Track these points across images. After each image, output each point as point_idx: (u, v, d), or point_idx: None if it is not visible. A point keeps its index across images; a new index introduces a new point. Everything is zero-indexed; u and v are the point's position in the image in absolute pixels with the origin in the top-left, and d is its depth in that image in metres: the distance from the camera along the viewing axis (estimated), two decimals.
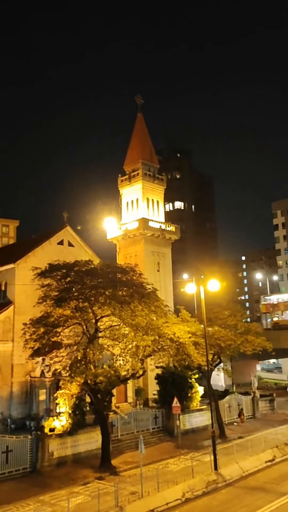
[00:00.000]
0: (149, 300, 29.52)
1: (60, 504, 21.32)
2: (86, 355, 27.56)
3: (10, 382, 38.48)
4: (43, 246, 42.95)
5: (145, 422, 34.93)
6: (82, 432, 29.80)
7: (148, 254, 52.38)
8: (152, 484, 22.49)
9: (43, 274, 29.88)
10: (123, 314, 27.91)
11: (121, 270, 31.46)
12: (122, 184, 56.63)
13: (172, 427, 35.06)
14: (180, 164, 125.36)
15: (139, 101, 59.29)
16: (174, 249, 58.83)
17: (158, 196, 56.63)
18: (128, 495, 21.93)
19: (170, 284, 54.41)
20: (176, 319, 33.09)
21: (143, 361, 29.92)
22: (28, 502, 22.11)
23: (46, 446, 27.65)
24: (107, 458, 27.82)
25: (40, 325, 27.86)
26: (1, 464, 25.83)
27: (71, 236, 45.60)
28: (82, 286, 28.53)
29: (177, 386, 36.54)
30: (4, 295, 41.81)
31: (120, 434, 32.65)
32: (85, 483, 25.00)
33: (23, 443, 27.07)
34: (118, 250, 55.39)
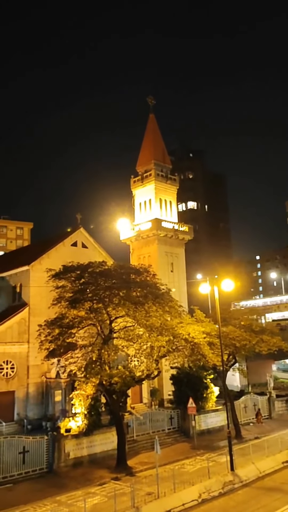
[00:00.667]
0: (163, 301, 29.51)
1: (76, 505, 21.40)
2: (101, 356, 27.65)
3: (26, 383, 38.80)
4: (57, 248, 43.21)
5: (160, 422, 34.90)
6: (98, 432, 29.89)
7: (161, 254, 52.37)
8: (168, 485, 22.46)
9: (58, 275, 30.06)
10: (137, 315, 27.94)
11: (134, 271, 31.50)
12: (134, 185, 56.75)
13: (188, 428, 34.97)
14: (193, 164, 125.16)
15: (151, 102, 59.43)
16: (188, 249, 58.73)
17: (171, 196, 56.60)
18: (144, 495, 21.93)
19: (184, 284, 54.31)
20: (191, 320, 33.01)
21: (158, 362, 29.91)
22: (45, 502, 22.25)
23: (62, 446, 27.80)
24: (123, 458, 27.86)
25: (55, 326, 28.04)
26: (18, 464, 26.04)
27: (85, 238, 45.81)
28: (96, 287, 28.63)
29: (192, 387, 36.44)
30: (19, 297, 42.18)
31: (135, 435, 32.67)
32: (101, 483, 25.06)
33: (40, 444, 27.26)
34: (132, 251, 55.49)
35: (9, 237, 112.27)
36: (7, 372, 38.02)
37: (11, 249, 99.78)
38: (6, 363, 38.12)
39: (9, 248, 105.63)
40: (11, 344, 38.67)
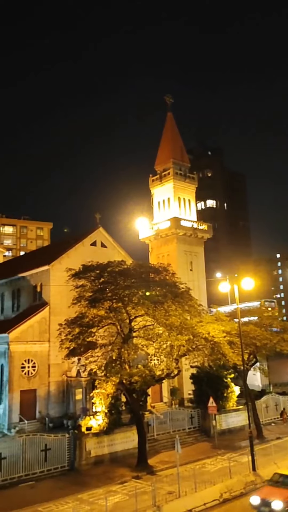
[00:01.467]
0: (182, 300, 29.44)
1: (98, 503, 21.53)
2: (121, 355, 27.75)
3: (47, 382, 39.21)
4: (77, 248, 43.51)
5: (181, 422, 34.83)
6: (119, 431, 30.01)
7: (180, 253, 52.24)
8: (189, 484, 22.40)
9: (77, 275, 30.27)
10: (156, 314, 27.94)
11: (154, 270, 31.50)
12: (153, 184, 56.74)
13: (208, 427, 34.82)
14: (212, 162, 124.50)
15: (169, 101, 59.27)
16: (207, 248, 58.44)
17: (190, 195, 56.41)
18: (165, 494, 21.92)
19: (204, 283, 54.07)
20: (210, 318, 32.85)
21: (178, 361, 29.85)
22: (67, 500, 22.45)
23: (84, 444, 28.00)
24: (144, 457, 27.90)
25: (75, 325, 28.26)
26: (40, 462, 26.32)
27: (104, 237, 46.01)
28: (116, 286, 28.72)
29: (213, 386, 36.26)
30: (40, 296, 42.63)
31: (156, 434, 32.68)
32: (122, 482, 25.15)
33: (61, 442, 27.50)
34: (151, 250, 55.50)
35: (29, 238, 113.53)
36: (28, 370, 38.48)
37: (32, 249, 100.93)
38: (27, 362, 38.59)
39: (29, 248, 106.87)
40: (32, 343, 39.13)
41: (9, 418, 36.32)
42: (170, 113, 59.25)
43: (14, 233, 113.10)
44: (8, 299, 47.29)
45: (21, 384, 37.70)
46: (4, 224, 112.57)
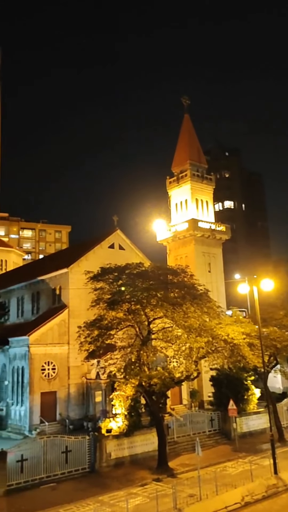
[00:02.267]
0: (201, 301, 29.30)
1: (119, 505, 21.55)
2: (140, 357, 27.75)
3: (67, 384, 39.48)
4: (95, 250, 43.77)
5: (201, 424, 34.62)
6: (138, 433, 30.00)
7: (198, 255, 52.07)
8: (210, 487, 22.26)
9: (96, 277, 30.43)
10: (175, 316, 27.87)
11: (172, 272, 31.45)
12: (170, 186, 56.74)
13: (229, 430, 34.55)
14: (229, 163, 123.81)
15: (186, 102, 59.25)
16: (225, 249, 58.11)
17: (207, 196, 56.23)
18: (186, 497, 21.82)
19: (222, 284, 53.77)
20: (230, 320, 32.62)
21: (197, 363, 29.72)
22: (87, 502, 22.52)
23: (104, 447, 28.07)
24: (164, 460, 27.83)
25: (94, 327, 28.38)
26: (61, 464, 26.45)
27: (122, 240, 46.17)
28: (134, 288, 28.77)
29: (233, 388, 35.96)
30: (59, 299, 42.98)
31: (176, 436, 32.57)
32: (143, 484, 25.12)
33: (82, 444, 27.62)
34: (168, 252, 55.47)
35: (48, 241, 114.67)
36: (48, 373, 38.81)
37: (50, 252, 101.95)
38: (47, 364, 38.93)
39: (48, 251, 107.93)
40: (52, 346, 39.46)
41: (30, 420, 36.69)
42: (187, 115, 59.22)
43: (33, 236, 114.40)
44: (27, 302, 47.82)
45: (42, 386, 38.05)
46: (23, 228, 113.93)
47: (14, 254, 72.92)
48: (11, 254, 71.99)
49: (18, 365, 39.64)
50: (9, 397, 40.34)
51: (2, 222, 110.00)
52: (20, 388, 38.89)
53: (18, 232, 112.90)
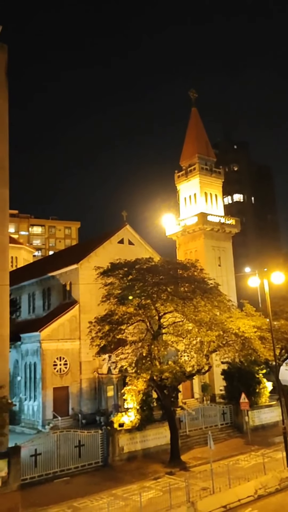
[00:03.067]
0: (211, 295, 29.25)
1: (132, 498, 21.68)
2: (151, 352, 27.81)
3: (79, 379, 39.75)
4: (104, 246, 43.86)
5: (213, 418, 34.66)
6: (151, 427, 30.13)
7: (208, 249, 51.92)
8: (223, 480, 22.30)
9: (106, 273, 30.49)
10: (186, 310, 27.86)
11: (182, 266, 31.42)
12: (179, 180, 56.58)
13: (241, 423, 34.55)
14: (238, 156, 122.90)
15: (193, 96, 58.89)
16: (235, 242, 57.86)
17: (216, 189, 55.98)
18: (199, 490, 21.89)
19: (232, 278, 53.61)
20: (240, 314, 32.54)
21: (208, 357, 29.72)
22: (101, 495, 22.69)
23: (116, 441, 28.25)
24: (177, 453, 27.94)
25: (105, 323, 28.50)
26: (74, 458, 26.69)
27: (131, 235, 46.20)
28: (144, 283, 28.78)
29: (244, 382, 35.93)
30: (69, 295, 43.19)
31: (188, 430, 32.65)
32: (155, 478, 25.25)
33: (94, 438, 27.82)
34: (178, 246, 55.37)
35: (57, 237, 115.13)
36: (60, 368, 39.10)
37: (60, 248, 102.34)
38: (59, 360, 39.22)
39: (58, 247, 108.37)
40: (63, 341, 39.72)
41: (43, 415, 37.04)
42: (195, 108, 58.86)
43: (42, 233, 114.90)
44: (38, 298, 48.13)
45: (54, 381, 38.36)
46: (33, 224, 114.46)
47: (24, 251, 73.31)
48: (21, 251, 72.38)
49: (30, 360, 39.99)
50: (22, 393, 40.74)
51: (12, 219, 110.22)
52: (32, 383, 39.25)
53: (28, 229, 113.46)
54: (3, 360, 27.66)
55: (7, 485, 23.52)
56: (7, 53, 31.00)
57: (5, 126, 30.23)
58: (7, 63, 31.01)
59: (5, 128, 30.18)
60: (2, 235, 29.13)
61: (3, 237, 29.19)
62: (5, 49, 30.96)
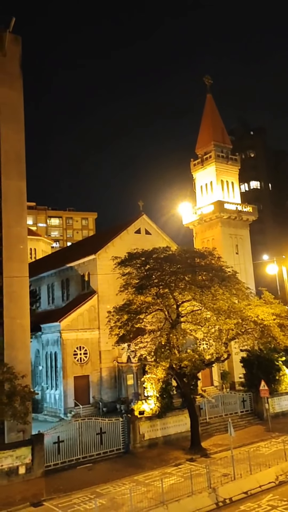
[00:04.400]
0: (229, 283, 29.18)
1: (154, 484, 21.98)
2: (170, 340, 27.97)
3: (99, 368, 40.24)
4: (121, 236, 44.00)
5: (232, 405, 34.78)
6: (171, 415, 30.41)
7: (225, 237, 51.66)
8: (244, 467, 22.45)
9: (123, 263, 30.65)
10: (204, 299, 27.86)
11: (199, 255, 31.36)
12: (195, 168, 56.21)
13: (261, 411, 34.59)
14: (254, 142, 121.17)
15: (208, 82, 58.16)
16: (252, 230, 57.39)
17: (233, 177, 55.47)
18: (220, 477, 22.08)
19: (250, 266, 53.30)
20: (259, 301, 32.40)
21: (227, 345, 29.74)
22: (123, 481, 23.07)
23: (137, 428, 28.61)
24: (197, 440, 28.17)
25: (123, 312, 28.71)
26: (96, 445, 27.17)
27: (148, 224, 46.22)
28: (162, 272, 28.85)
29: (264, 369, 35.90)
30: (88, 285, 43.58)
31: (208, 417, 32.86)
32: (176, 464, 25.53)
33: (115, 425, 28.22)
34: (195, 235, 55.23)
35: (75, 228, 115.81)
36: (80, 357, 39.63)
37: (78, 239, 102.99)
38: (79, 349, 39.73)
39: (75, 238, 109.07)
40: (83, 331, 40.19)
41: (64, 403, 37.68)
42: (210, 95, 58.16)
43: (60, 224, 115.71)
44: (57, 289, 48.68)
45: (74, 370, 38.92)
46: (51, 216, 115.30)
47: (42, 243, 74.07)
48: (40, 243, 73.15)
49: (51, 350, 40.61)
50: (44, 382, 41.47)
51: (29, 212, 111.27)
52: (54, 372, 39.91)
53: (46, 220, 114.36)
54: (25, 350, 28.14)
55: (32, 472, 24.11)
56: (21, 45, 31.09)
57: (21, 118, 30.41)
58: (21, 55, 31.11)
59: (20, 120, 30.37)
60: (21, 227, 29.46)
61: (22, 229, 29.53)
62: (19, 41, 31.03)
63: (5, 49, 30.22)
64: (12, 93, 30.22)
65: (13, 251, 28.59)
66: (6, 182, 29.02)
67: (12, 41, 30.66)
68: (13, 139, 29.70)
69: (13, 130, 29.84)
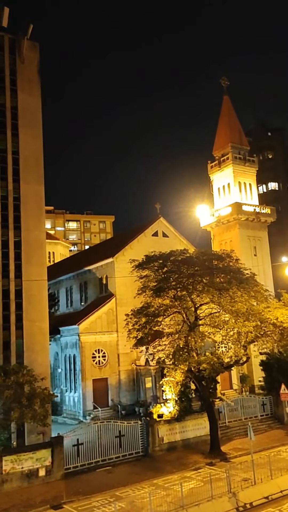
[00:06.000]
0: (248, 286, 28.94)
1: (173, 488, 21.88)
2: (188, 343, 27.85)
3: (117, 371, 40.28)
4: (139, 239, 44.05)
5: (252, 409, 34.42)
6: (190, 418, 30.25)
7: (243, 239, 51.26)
8: (264, 471, 22.18)
9: (141, 265, 30.68)
10: (222, 301, 27.70)
11: (217, 257, 31.19)
12: (212, 170, 55.97)
13: (282, 414, 34.14)
14: (272, 143, 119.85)
15: (225, 83, 57.90)
16: (271, 232, 56.77)
17: (250, 178, 55.04)
18: (240, 481, 21.85)
19: (269, 268, 52.73)
20: (278, 304, 32.02)
21: (246, 348, 29.47)
22: (142, 485, 23.03)
23: (156, 431, 28.53)
24: (217, 444, 27.94)
25: (141, 315, 28.71)
26: (115, 448, 27.18)
27: (165, 227, 46.18)
28: (179, 275, 28.79)
29: (284, 372, 35.37)
30: (106, 288, 43.71)
31: (227, 421, 32.58)
32: (196, 468, 25.37)
33: (134, 428, 28.20)
34: (213, 237, 54.94)
35: (93, 231, 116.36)
36: (99, 360, 39.74)
37: (95, 242, 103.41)
38: (98, 352, 39.86)
39: (93, 242, 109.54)
40: (101, 334, 40.32)
41: (83, 406, 37.82)
42: (227, 96, 57.88)
43: (78, 228, 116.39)
44: (76, 292, 48.97)
45: (93, 373, 39.05)
46: (69, 220, 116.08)
47: (60, 246, 74.65)
48: (58, 246, 73.73)
49: (69, 353, 40.85)
50: (63, 384, 41.73)
51: (48, 216, 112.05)
52: (72, 375, 40.12)
53: (64, 224, 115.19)
54: (44, 353, 28.40)
55: (51, 474, 24.26)
56: (38, 51, 31.48)
57: (39, 123, 30.79)
58: (39, 61, 31.51)
59: (39, 124, 30.75)
60: (39, 231, 29.78)
61: (40, 233, 29.84)
62: (37, 48, 31.46)
63: (23, 56, 30.67)
64: (31, 99, 30.65)
65: (32, 255, 28.91)
66: (24, 186, 29.40)
67: (30, 48, 31.12)
68: (32, 144, 30.10)
69: (32, 136, 30.23)
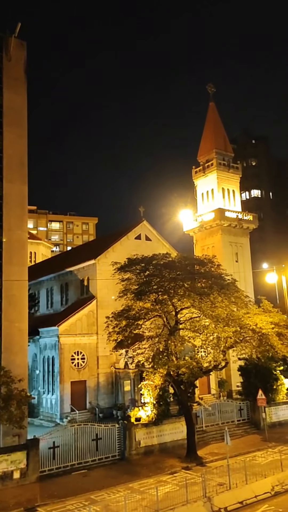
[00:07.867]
0: (228, 291, 29.18)
1: (149, 492, 21.83)
2: (168, 347, 27.91)
3: (96, 373, 40.11)
4: (122, 241, 44.03)
5: (229, 414, 34.67)
6: (167, 422, 30.28)
7: (225, 244, 51.71)
8: (240, 476, 22.33)
9: (123, 268, 30.66)
10: (203, 306, 27.86)
11: (199, 262, 31.38)
12: (196, 176, 56.38)
13: (258, 420, 34.45)
14: (256, 151, 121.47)
15: (211, 90, 58.51)
16: (253, 238, 57.47)
17: (234, 185, 55.63)
18: (216, 486, 21.94)
19: (250, 274, 53.29)
20: (258, 310, 32.37)
21: (225, 353, 29.68)
22: (118, 488, 22.94)
23: (133, 435, 28.47)
24: (193, 448, 28.03)
25: (122, 318, 28.68)
26: (92, 451, 27.02)
27: (148, 230, 46.27)
28: (161, 279, 28.86)
29: (261, 378, 35.80)
30: (87, 290, 43.53)
31: (204, 425, 32.71)
32: (172, 472, 25.39)
33: (111, 432, 28.10)
34: (195, 242, 55.28)
35: (75, 233, 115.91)
36: (78, 362, 39.51)
37: (78, 244, 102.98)
38: (77, 354, 39.62)
39: (76, 243, 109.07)
40: (81, 336, 40.11)
41: (61, 408, 37.52)
42: (213, 103, 58.48)
43: (60, 229, 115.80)
44: (56, 293, 48.63)
45: (72, 375, 38.79)
46: (51, 220, 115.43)
47: (42, 246, 74.07)
48: (40, 247, 73.15)
49: (48, 355, 40.50)
50: (41, 386, 41.32)
51: (30, 215, 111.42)
52: (50, 377, 39.77)
53: (46, 224, 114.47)
54: (22, 354, 28.06)
55: (26, 477, 23.98)
56: (26, 50, 31.26)
57: (24, 122, 30.52)
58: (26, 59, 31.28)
59: (24, 124, 30.48)
60: (21, 230, 29.48)
61: (22, 232, 29.55)
62: (24, 47, 31.21)
63: (10, 54, 30.40)
64: (17, 98, 30.36)
65: (14, 255, 28.60)
66: (8, 185, 29.08)
67: (18, 46, 30.85)
68: (17, 143, 29.80)
69: (17, 135, 29.94)
